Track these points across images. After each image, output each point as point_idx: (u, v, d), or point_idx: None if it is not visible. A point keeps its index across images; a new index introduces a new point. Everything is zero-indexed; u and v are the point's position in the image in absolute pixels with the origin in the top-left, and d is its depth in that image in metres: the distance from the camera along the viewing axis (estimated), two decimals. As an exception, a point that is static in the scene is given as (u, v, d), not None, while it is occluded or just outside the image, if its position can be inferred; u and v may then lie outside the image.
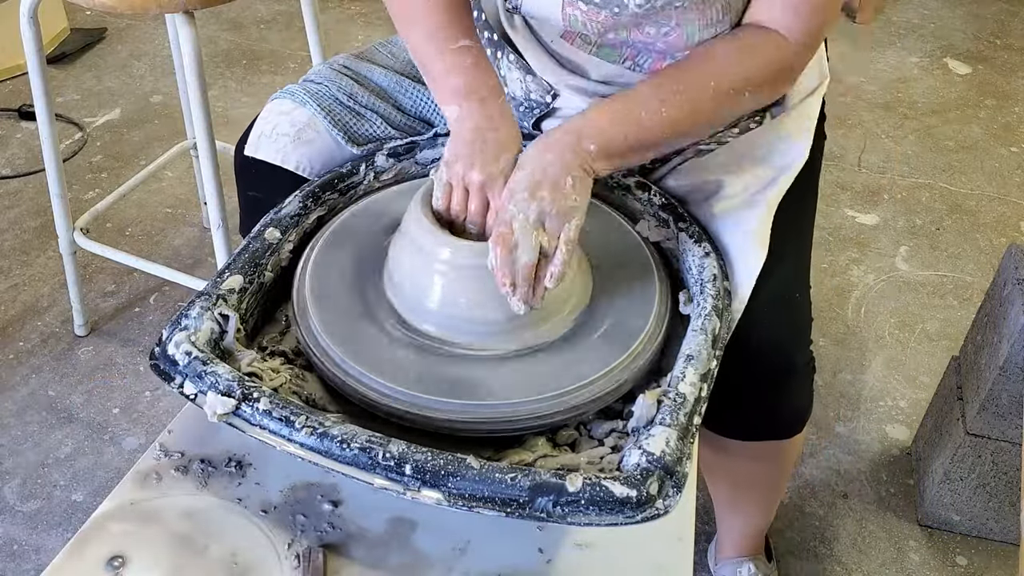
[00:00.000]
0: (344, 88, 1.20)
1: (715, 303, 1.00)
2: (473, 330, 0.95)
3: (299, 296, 0.99)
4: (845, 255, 2.26)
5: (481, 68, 1.03)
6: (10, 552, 1.55)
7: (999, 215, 2.42)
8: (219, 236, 1.62)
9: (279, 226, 1.06)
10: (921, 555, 1.62)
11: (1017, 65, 3.09)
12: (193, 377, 0.88)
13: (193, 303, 0.95)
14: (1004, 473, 1.57)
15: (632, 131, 0.99)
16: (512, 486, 0.80)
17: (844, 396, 1.89)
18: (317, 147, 1.17)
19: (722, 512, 1.52)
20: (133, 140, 2.53)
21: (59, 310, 2.00)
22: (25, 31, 1.55)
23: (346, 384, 0.92)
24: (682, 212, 1.11)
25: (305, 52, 2.89)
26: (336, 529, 0.90)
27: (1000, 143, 2.71)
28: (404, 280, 0.98)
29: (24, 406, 1.80)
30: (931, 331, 2.05)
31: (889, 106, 2.85)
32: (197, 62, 1.47)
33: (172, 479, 0.93)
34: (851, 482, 1.73)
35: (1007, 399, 1.48)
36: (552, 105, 1.17)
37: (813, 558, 1.61)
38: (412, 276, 0.97)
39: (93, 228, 1.97)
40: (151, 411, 1.80)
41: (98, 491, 1.64)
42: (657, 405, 0.89)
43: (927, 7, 3.42)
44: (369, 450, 0.82)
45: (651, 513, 0.81)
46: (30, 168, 2.39)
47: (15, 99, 2.66)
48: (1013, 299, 1.47)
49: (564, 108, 1.17)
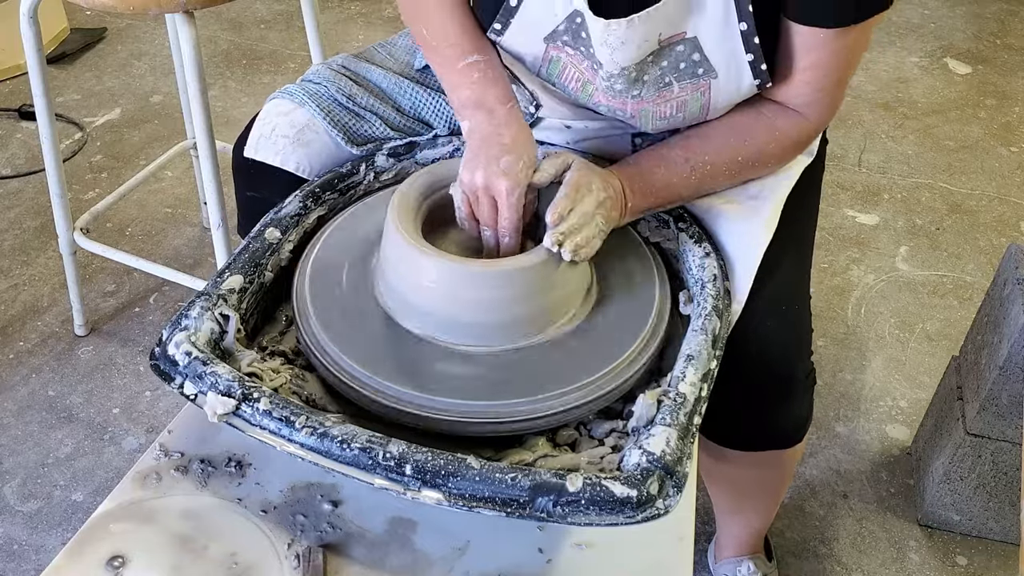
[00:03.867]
0: (343, 88, 1.20)
1: (715, 303, 1.00)
2: (471, 331, 0.95)
3: (299, 296, 0.99)
4: (845, 255, 2.26)
5: (489, 79, 1.06)
6: (10, 552, 1.55)
7: (999, 215, 2.42)
8: (219, 236, 1.62)
9: (279, 226, 1.06)
10: (921, 555, 1.62)
11: (1017, 65, 3.09)
12: (193, 377, 0.88)
13: (193, 303, 0.95)
14: (1004, 473, 1.57)
15: (662, 195, 1.07)
16: (512, 486, 0.80)
17: (844, 396, 1.89)
18: (316, 148, 1.17)
19: (722, 515, 1.52)
20: (133, 140, 2.53)
21: (59, 310, 2.00)
22: (25, 31, 1.55)
23: (345, 384, 0.92)
24: (682, 212, 1.12)
25: (305, 52, 2.89)
26: (336, 529, 0.90)
27: (1000, 143, 2.71)
28: (399, 283, 0.98)
29: (24, 406, 1.79)
30: (931, 331, 2.05)
31: (889, 106, 2.85)
32: (197, 62, 1.47)
33: (172, 479, 0.93)
34: (851, 482, 1.73)
35: (1007, 399, 1.48)
36: (536, 115, 1.17)
37: (813, 558, 1.61)
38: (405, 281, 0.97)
39: (93, 228, 1.97)
40: (151, 411, 1.80)
41: (98, 491, 1.64)
42: (657, 405, 0.89)
43: (927, 7, 3.42)
44: (369, 450, 0.82)
45: (651, 513, 0.81)
46: (30, 168, 2.39)
47: (15, 99, 2.66)
48: (1013, 299, 1.47)
49: (548, 118, 1.18)
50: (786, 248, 1.11)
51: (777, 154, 1.09)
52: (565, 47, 1.04)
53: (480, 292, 0.93)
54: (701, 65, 1.01)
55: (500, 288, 0.94)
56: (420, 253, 0.94)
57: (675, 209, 1.11)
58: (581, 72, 1.06)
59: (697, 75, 1.02)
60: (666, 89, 1.03)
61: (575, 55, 1.05)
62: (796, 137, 1.08)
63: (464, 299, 0.94)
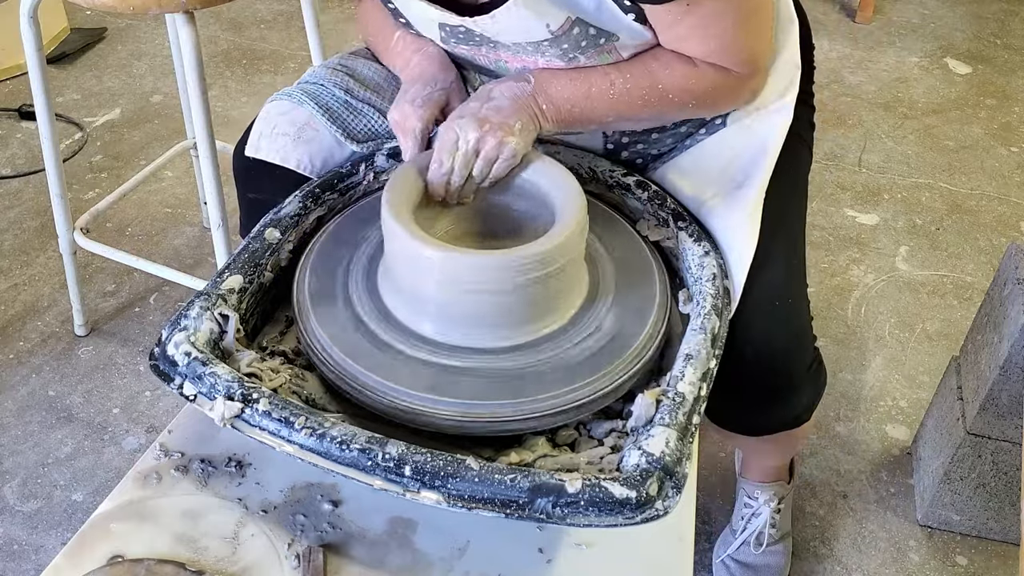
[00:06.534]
0: (340, 84, 1.21)
1: (715, 302, 1.00)
2: (470, 329, 0.95)
3: (299, 296, 0.99)
4: (845, 255, 2.26)
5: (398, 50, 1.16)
6: (10, 552, 1.55)
7: (999, 215, 2.42)
8: (219, 236, 1.62)
9: (279, 226, 1.06)
10: (921, 555, 1.62)
11: (1017, 65, 3.09)
12: (192, 378, 0.88)
13: (192, 303, 0.95)
14: (1004, 473, 1.57)
15: (580, 104, 1.05)
16: (511, 487, 0.80)
17: (844, 396, 1.89)
18: (317, 145, 1.18)
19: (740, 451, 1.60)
20: (133, 140, 2.53)
21: (59, 310, 2.00)
22: (25, 31, 1.55)
23: (345, 384, 0.92)
24: (682, 211, 1.11)
25: (305, 52, 2.89)
26: (336, 529, 0.90)
27: (1000, 143, 2.70)
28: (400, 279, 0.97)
29: (24, 406, 1.79)
30: (931, 331, 2.05)
31: (889, 106, 2.85)
32: (197, 62, 1.47)
33: (172, 479, 0.93)
34: (851, 482, 1.73)
35: (1007, 399, 1.48)
36: None
37: (813, 558, 1.61)
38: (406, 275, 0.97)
39: (93, 228, 1.97)
40: (151, 411, 1.80)
41: (98, 491, 1.64)
42: (656, 404, 0.89)
43: (927, 7, 3.42)
44: (368, 451, 0.82)
45: (651, 514, 0.81)
46: (30, 168, 2.39)
47: (15, 99, 2.65)
48: (1013, 299, 1.47)
49: None
50: (774, 245, 1.10)
51: (699, 92, 1.06)
52: (458, 46, 1.08)
53: (479, 275, 0.92)
54: (601, 35, 1.01)
55: (500, 270, 0.92)
56: (415, 238, 0.93)
57: (674, 208, 1.11)
58: (487, 57, 1.10)
59: (599, 44, 1.02)
60: (573, 61, 1.05)
61: (471, 49, 1.08)
62: (720, 81, 1.06)
63: (464, 285, 0.93)
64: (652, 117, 1.09)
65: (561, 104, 1.05)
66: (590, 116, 1.06)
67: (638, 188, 1.14)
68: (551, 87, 1.05)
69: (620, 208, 1.15)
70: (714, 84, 1.06)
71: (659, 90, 1.05)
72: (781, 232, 1.13)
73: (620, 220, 1.12)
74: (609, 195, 1.16)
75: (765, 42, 1.08)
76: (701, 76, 1.05)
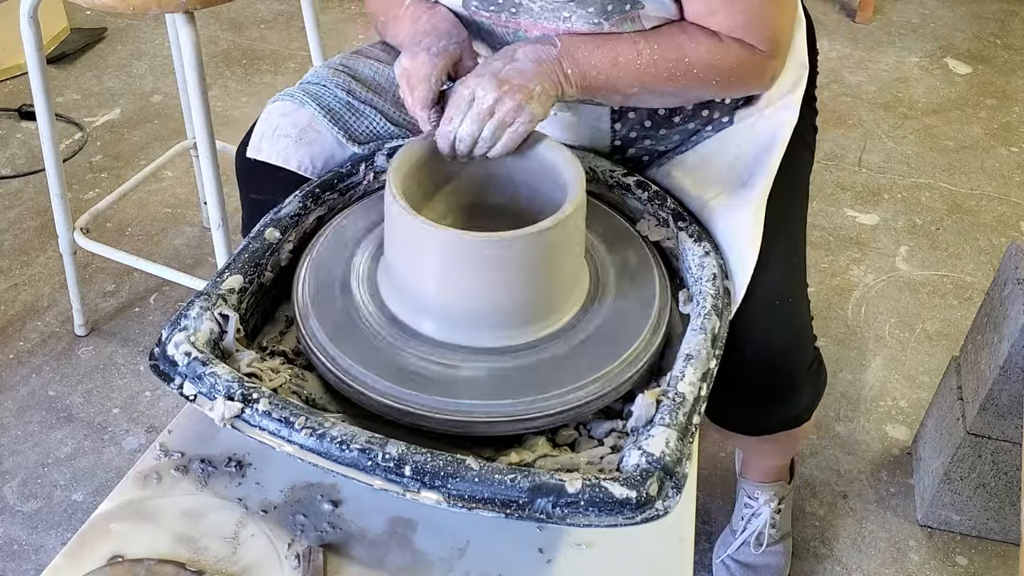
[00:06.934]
0: (342, 85, 1.21)
1: (715, 302, 1.00)
2: (471, 328, 0.95)
3: (299, 296, 0.99)
4: (845, 255, 2.26)
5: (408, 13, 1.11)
6: (10, 552, 1.55)
7: (999, 215, 2.42)
8: (219, 236, 1.62)
9: (279, 226, 1.06)
10: (921, 555, 1.62)
11: (1017, 65, 3.09)
12: (192, 378, 0.88)
13: (192, 303, 0.95)
14: (1004, 473, 1.57)
15: (606, 71, 1.02)
16: (511, 487, 0.80)
17: (844, 396, 1.89)
18: (319, 147, 1.17)
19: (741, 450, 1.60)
20: (133, 140, 2.53)
21: (59, 310, 2.00)
22: (25, 31, 1.55)
23: (345, 384, 0.92)
24: (682, 211, 1.11)
25: (305, 52, 2.89)
26: (336, 529, 0.90)
27: (1000, 143, 2.70)
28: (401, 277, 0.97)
29: (24, 406, 1.79)
30: (931, 331, 2.05)
31: (889, 106, 2.85)
32: (197, 62, 1.47)
33: (172, 479, 0.93)
34: (851, 482, 1.73)
35: (1007, 399, 1.48)
36: None
37: (813, 558, 1.61)
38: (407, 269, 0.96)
39: (93, 228, 1.96)
40: (151, 411, 1.80)
41: (98, 491, 1.64)
42: (656, 405, 0.89)
43: (927, 7, 3.42)
44: (368, 451, 0.82)
45: (651, 514, 0.81)
46: (30, 168, 2.39)
47: (15, 99, 2.65)
48: (1013, 299, 1.47)
49: None
50: (775, 246, 1.11)
51: (723, 69, 1.05)
52: (479, 11, 1.06)
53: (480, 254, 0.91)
54: (627, 1, 1.00)
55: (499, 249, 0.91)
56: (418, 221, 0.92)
57: (675, 208, 1.11)
58: (506, 26, 1.07)
59: (624, 10, 1.01)
60: (597, 27, 1.03)
61: (491, 15, 1.06)
62: (745, 58, 1.05)
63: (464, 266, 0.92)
64: (675, 92, 1.06)
65: (588, 70, 1.02)
66: (615, 84, 1.03)
67: (638, 188, 1.14)
68: (578, 51, 1.01)
69: (620, 208, 1.15)
70: (739, 60, 1.04)
71: (685, 63, 1.03)
72: (782, 232, 1.13)
73: (620, 220, 1.12)
74: (609, 195, 1.16)
75: (789, 22, 1.07)
76: (727, 52, 1.03)
